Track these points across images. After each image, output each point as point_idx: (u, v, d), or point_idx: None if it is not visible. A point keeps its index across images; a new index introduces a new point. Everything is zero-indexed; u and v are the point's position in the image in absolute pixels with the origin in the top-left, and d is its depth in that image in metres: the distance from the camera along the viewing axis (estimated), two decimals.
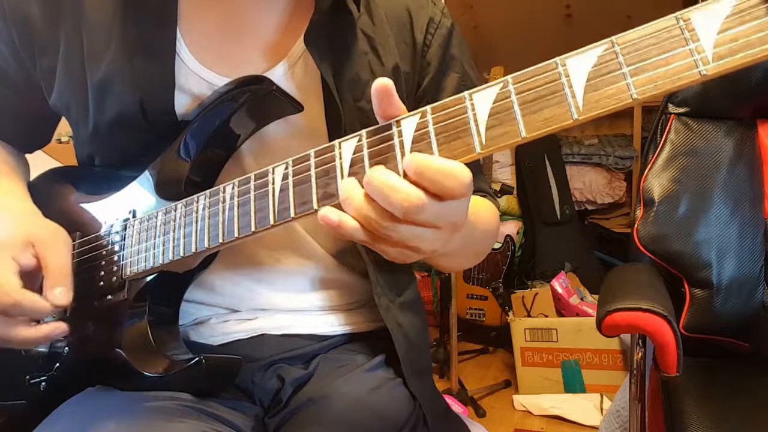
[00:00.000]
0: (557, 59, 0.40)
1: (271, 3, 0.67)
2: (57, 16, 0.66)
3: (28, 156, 0.83)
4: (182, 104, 0.66)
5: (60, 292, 0.61)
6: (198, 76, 0.66)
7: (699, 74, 0.36)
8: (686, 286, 1.14)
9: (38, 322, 0.62)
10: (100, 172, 0.72)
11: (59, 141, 2.18)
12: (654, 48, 0.38)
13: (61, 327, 0.62)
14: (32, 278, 0.62)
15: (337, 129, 0.65)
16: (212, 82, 0.66)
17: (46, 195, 0.73)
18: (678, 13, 0.38)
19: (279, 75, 0.66)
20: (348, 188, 0.44)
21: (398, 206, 0.41)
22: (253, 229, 0.53)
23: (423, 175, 0.41)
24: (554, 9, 2.74)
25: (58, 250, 0.63)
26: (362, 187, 0.43)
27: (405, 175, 0.42)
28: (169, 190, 0.65)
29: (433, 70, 0.72)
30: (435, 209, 0.42)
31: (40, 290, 0.62)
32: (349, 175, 0.47)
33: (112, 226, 0.68)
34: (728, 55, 0.36)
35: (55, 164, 0.80)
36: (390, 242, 0.44)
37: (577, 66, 0.39)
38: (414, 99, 0.72)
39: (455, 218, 0.44)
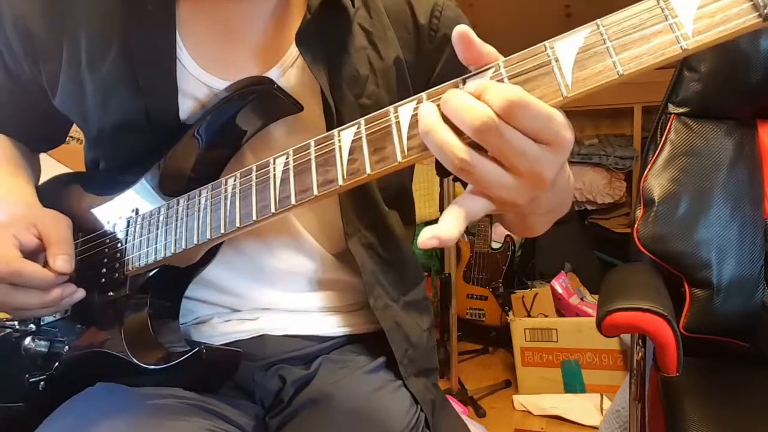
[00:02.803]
0: (545, 43, 0.42)
1: (265, 5, 0.67)
2: (59, 24, 0.66)
3: None
4: (185, 108, 0.67)
5: (62, 259, 0.62)
6: (199, 80, 0.66)
7: (680, 49, 0.38)
8: (686, 286, 1.14)
9: None
10: (105, 176, 0.73)
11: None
12: (637, 27, 0.39)
13: (70, 288, 0.64)
14: (35, 257, 0.63)
15: (334, 127, 0.65)
16: (213, 85, 0.66)
17: (52, 198, 0.73)
18: None
19: (275, 77, 0.66)
20: (428, 114, 0.42)
21: (468, 122, 0.39)
22: (254, 218, 0.54)
23: (486, 92, 0.40)
24: (554, 8, 2.74)
25: (59, 227, 0.65)
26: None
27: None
28: (172, 188, 0.66)
29: (448, 53, 0.70)
30: (513, 136, 0.39)
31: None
32: (348, 162, 0.47)
33: (115, 224, 0.69)
34: (707, 30, 0.37)
35: (57, 164, 0.81)
36: (472, 181, 0.42)
37: (565, 47, 0.41)
38: (426, 87, 0.70)
39: (535, 165, 0.40)
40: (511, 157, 0.40)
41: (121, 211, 0.69)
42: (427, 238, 0.41)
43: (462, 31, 0.42)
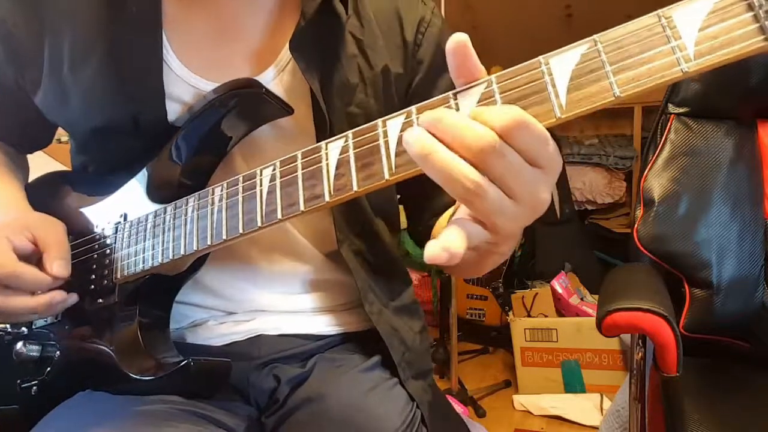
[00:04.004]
0: (540, 58, 0.40)
1: (258, 7, 0.66)
2: (40, 27, 0.65)
3: (28, 156, 0.83)
4: (173, 111, 0.66)
5: (58, 263, 0.61)
6: (187, 83, 0.65)
7: (681, 72, 0.36)
8: (686, 286, 1.13)
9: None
10: (94, 177, 0.72)
11: (59, 141, 2.17)
12: (636, 46, 0.37)
13: (61, 294, 0.62)
14: (29, 262, 0.62)
15: (324, 133, 0.65)
16: (201, 88, 0.65)
17: (40, 198, 0.72)
18: (660, 10, 0.37)
19: (268, 80, 0.66)
20: (420, 139, 0.38)
21: (471, 143, 0.37)
22: (240, 231, 0.53)
23: (484, 113, 0.38)
24: (554, 9, 2.74)
25: (54, 231, 0.64)
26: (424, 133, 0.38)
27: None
28: (160, 193, 0.65)
29: (424, 69, 0.71)
30: (513, 159, 0.38)
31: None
32: (335, 178, 0.46)
33: (103, 229, 0.68)
34: (709, 53, 0.35)
35: (54, 164, 0.80)
36: (477, 208, 0.39)
37: (560, 65, 0.39)
38: (405, 98, 0.71)
39: (533, 188, 0.39)
40: (510, 180, 0.38)
41: (110, 215, 0.68)
42: (436, 252, 0.37)
43: (461, 40, 0.39)
